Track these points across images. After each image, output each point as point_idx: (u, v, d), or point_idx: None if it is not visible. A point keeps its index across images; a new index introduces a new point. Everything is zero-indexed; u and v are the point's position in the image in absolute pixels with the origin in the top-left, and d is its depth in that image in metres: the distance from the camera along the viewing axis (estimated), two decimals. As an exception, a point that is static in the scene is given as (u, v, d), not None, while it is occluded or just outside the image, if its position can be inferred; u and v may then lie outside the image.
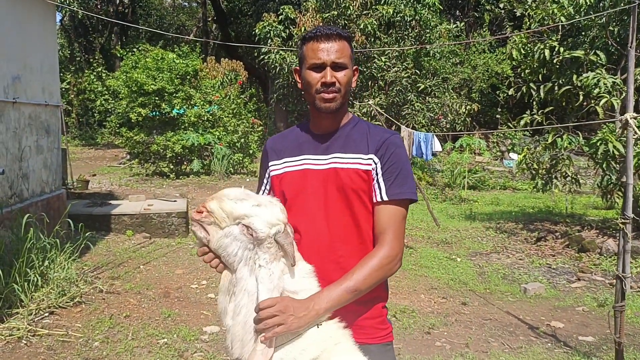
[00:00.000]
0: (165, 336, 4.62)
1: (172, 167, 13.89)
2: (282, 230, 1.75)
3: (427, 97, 14.28)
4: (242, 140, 14.89)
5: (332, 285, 1.82)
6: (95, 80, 23.58)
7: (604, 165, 7.78)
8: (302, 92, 2.05)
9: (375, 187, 1.94)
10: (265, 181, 2.10)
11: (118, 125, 18.53)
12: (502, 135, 17.25)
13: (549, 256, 7.70)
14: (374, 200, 1.94)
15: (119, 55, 19.13)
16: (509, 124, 14.71)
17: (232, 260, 1.77)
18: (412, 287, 6.09)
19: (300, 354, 1.71)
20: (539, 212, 10.82)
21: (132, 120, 13.70)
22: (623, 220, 3.90)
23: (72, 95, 24.71)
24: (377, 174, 1.94)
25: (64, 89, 24.26)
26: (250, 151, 15.31)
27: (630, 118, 3.76)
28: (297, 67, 2.03)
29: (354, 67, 2.00)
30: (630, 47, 3.73)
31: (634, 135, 3.96)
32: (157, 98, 13.54)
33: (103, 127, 24.33)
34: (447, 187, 13.52)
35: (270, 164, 2.07)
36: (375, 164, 1.94)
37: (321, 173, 1.96)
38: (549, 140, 8.17)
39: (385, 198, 1.91)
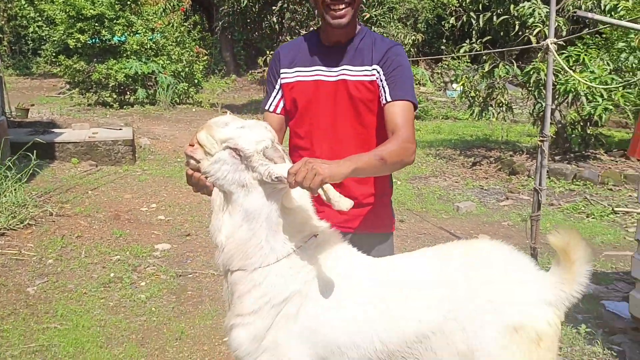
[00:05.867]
0: (118, 254, 4.82)
1: (115, 96, 13.57)
2: (269, 145, 1.78)
3: (372, 27, 14.31)
4: (187, 69, 14.63)
5: (363, 153, 1.88)
6: (26, 5, 22.22)
7: (536, 93, 8.24)
8: (313, 4, 2.11)
9: (381, 92, 2.07)
10: (277, 87, 2.19)
11: (54, 54, 17.75)
12: (445, 66, 17.57)
13: (482, 179, 8.23)
14: (382, 104, 2.05)
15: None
16: (453, 55, 15.03)
17: (224, 184, 1.80)
18: (354, 207, 6.46)
19: (308, 262, 1.84)
20: (476, 140, 11.35)
21: (71, 47, 13.18)
22: (541, 138, 4.28)
23: (3, 22, 23.26)
24: (381, 81, 2.07)
25: (-7, 15, 22.81)
26: (196, 81, 15.09)
27: (551, 43, 4.07)
28: None
29: None
30: (554, -25, 3.99)
31: (554, 61, 4.29)
32: (96, 24, 13.02)
33: (38, 56, 23.17)
34: (391, 116, 13.88)
35: (281, 71, 2.17)
36: (379, 72, 2.08)
37: (332, 84, 2.11)
38: (486, 69, 8.52)
39: (389, 99, 2.03)
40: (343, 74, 2.10)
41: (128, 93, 13.93)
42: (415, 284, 1.85)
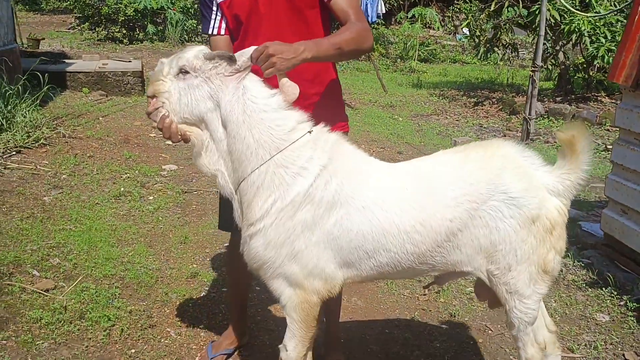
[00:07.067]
0: (127, 172, 5.11)
1: (124, 32, 13.64)
2: (205, 51, 1.89)
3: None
4: (196, 5, 14.58)
5: (320, 39, 1.98)
6: (35, -62, 21.90)
7: (541, 34, 8.27)
8: None
9: None
10: (214, 8, 2.19)
11: (64, -11, 17.66)
12: (457, 10, 17.35)
13: (482, 118, 8.38)
14: (325, 0, 2.11)
15: None
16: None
17: (193, 107, 1.87)
18: (354, 139, 6.60)
19: (307, 161, 1.87)
20: (481, 82, 11.42)
21: (80, -19, 13.18)
22: (533, 69, 4.44)
23: (11, -45, 22.98)
24: None
25: (1, -53, 22.49)
26: (205, 18, 15.04)
27: (547, -27, 4.17)
28: None
29: None
30: None
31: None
32: (105, -43, 12.99)
33: (48, -9, 23.01)
34: (399, 58, 13.89)
35: None
36: None
37: None
38: (492, 8, 8.53)
39: None
40: None
41: (137, 29, 13.98)
42: (441, 184, 1.90)
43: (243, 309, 2.78)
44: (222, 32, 2.23)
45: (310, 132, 1.91)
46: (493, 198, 1.88)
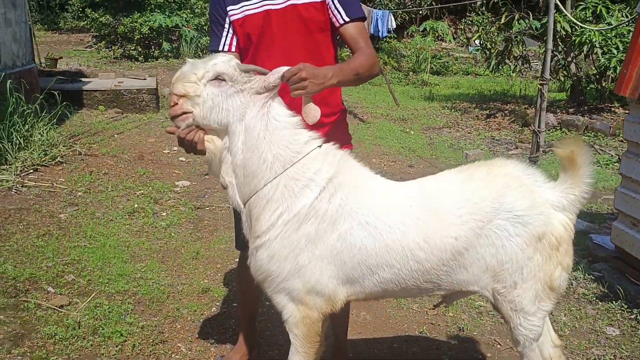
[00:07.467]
0: (141, 189, 5.20)
1: (140, 49, 13.88)
2: (237, 61, 1.95)
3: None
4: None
5: (342, 65, 2.09)
6: (53, -41, 22.41)
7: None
8: None
9: (334, 13, 2.20)
10: (227, 26, 2.24)
11: (81, 8, 18.05)
12: (469, 22, 17.38)
13: (494, 130, 8.38)
14: (337, 25, 2.20)
15: None
16: (477, 10, 14.86)
17: (223, 116, 1.88)
18: (365, 153, 6.72)
19: (315, 173, 1.92)
20: (494, 94, 11.40)
21: (97, 1, 13.46)
22: (541, 82, 4.46)
23: (30, -24, 23.53)
24: (333, 2, 2.20)
25: (21, -31, 23.04)
26: (219, 35, 15.25)
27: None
28: None
29: None
30: None
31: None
32: (120, -23, 13.27)
33: (65, 11, 23.52)
34: (411, 72, 13.93)
35: (228, 9, 2.22)
36: None
37: (281, 11, 2.18)
38: (503, 21, 8.55)
39: (347, 19, 2.19)
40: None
41: (153, 47, 14.22)
42: (446, 202, 1.91)
43: (252, 323, 2.81)
44: (233, 49, 2.28)
45: (320, 146, 1.96)
46: (498, 217, 1.88)
